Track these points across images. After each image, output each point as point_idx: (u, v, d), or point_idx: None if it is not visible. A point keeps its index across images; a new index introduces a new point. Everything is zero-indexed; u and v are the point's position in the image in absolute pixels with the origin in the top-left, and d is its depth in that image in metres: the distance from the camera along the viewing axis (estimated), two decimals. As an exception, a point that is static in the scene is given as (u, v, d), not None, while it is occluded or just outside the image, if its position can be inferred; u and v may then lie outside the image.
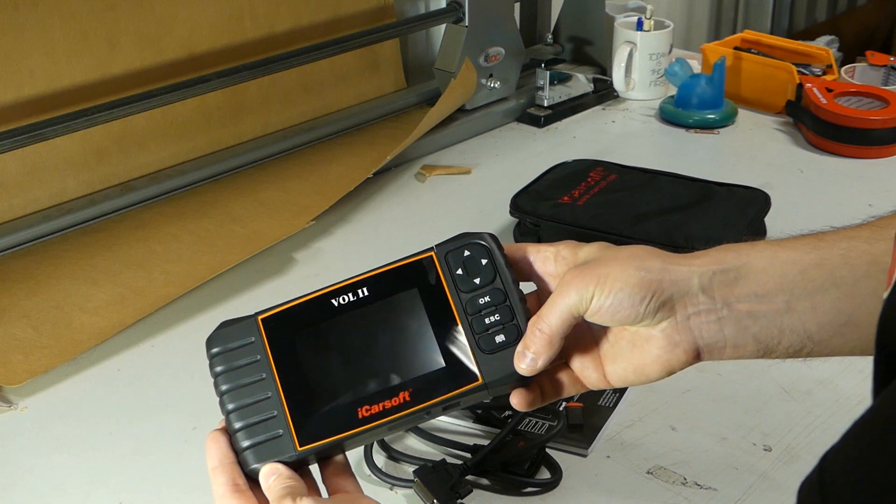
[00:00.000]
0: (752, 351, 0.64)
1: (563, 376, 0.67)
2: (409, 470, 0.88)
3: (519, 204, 1.28)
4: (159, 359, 1.07)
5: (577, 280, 0.63)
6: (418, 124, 1.44)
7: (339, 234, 1.31)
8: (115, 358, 1.07)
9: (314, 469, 0.67)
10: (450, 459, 0.88)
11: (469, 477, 0.87)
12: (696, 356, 0.64)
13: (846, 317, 0.63)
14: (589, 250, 0.66)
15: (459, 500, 0.85)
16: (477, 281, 0.67)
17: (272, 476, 0.63)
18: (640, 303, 0.62)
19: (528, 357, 0.64)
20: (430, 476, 0.85)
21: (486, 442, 0.90)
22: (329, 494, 0.65)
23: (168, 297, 1.13)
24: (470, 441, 0.91)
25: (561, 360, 0.67)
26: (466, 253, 0.67)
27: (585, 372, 0.67)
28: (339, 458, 0.67)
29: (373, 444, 0.91)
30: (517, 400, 0.66)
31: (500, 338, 0.65)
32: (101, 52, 1.29)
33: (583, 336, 0.67)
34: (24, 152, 1.22)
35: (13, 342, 1.06)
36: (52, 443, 0.95)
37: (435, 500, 0.83)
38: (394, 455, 0.91)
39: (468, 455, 0.89)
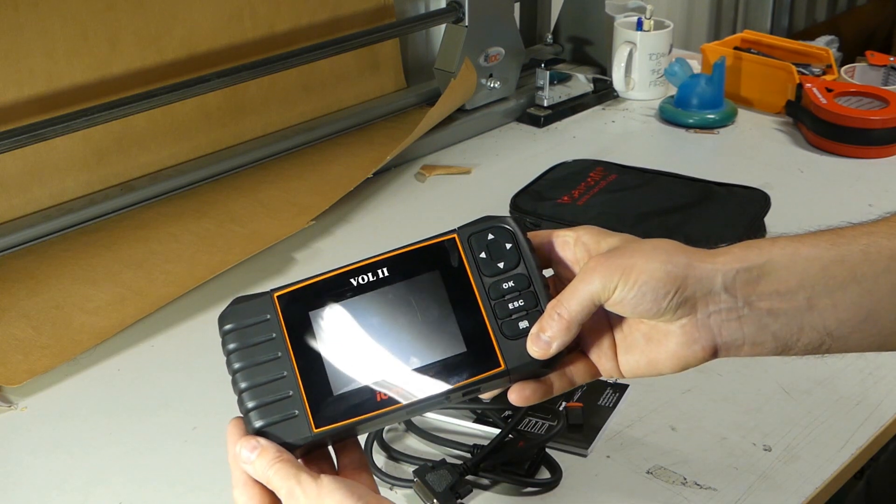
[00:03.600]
0: (771, 348, 0.63)
1: (575, 366, 0.66)
2: (409, 470, 0.88)
3: (519, 204, 1.28)
4: (159, 359, 1.07)
5: (602, 268, 0.62)
6: (418, 124, 1.44)
7: (339, 234, 1.31)
8: (115, 358, 1.07)
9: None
10: (450, 459, 0.88)
11: (469, 477, 0.87)
12: (714, 353, 0.64)
13: (866, 313, 0.62)
14: (612, 240, 0.65)
15: (459, 500, 0.85)
16: (501, 265, 0.65)
17: (254, 451, 0.60)
18: (664, 298, 0.61)
19: (543, 340, 0.63)
20: (430, 476, 0.85)
21: (486, 442, 0.90)
22: None
23: (168, 297, 1.13)
24: (470, 441, 0.91)
25: (577, 347, 0.66)
26: (490, 236, 0.66)
27: (602, 360, 0.66)
28: (356, 453, 0.65)
29: (373, 443, 0.91)
30: (516, 395, 0.65)
31: (523, 324, 0.64)
32: (101, 52, 1.29)
33: (599, 323, 0.66)
34: (24, 152, 1.22)
35: (13, 342, 1.06)
36: (52, 443, 0.95)
37: (435, 500, 0.83)
38: (394, 455, 0.91)
39: (468, 455, 0.89)
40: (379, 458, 0.91)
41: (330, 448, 0.65)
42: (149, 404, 1.00)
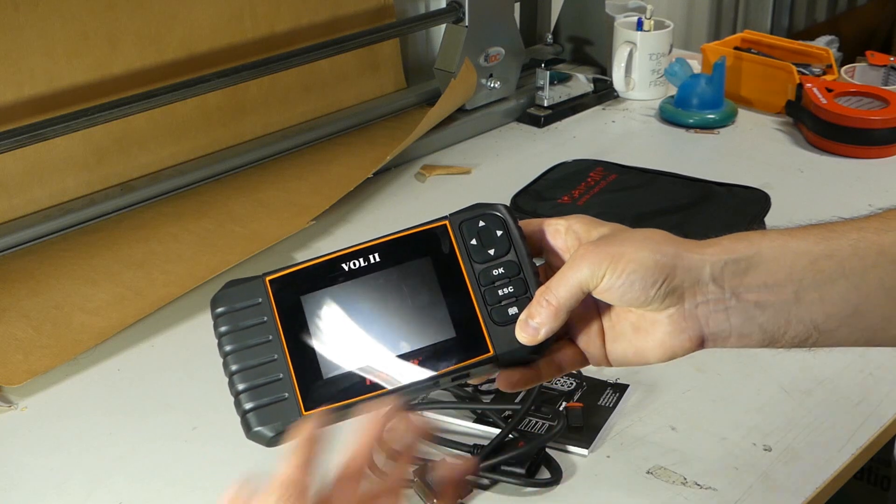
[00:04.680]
0: (758, 340, 0.64)
1: (563, 353, 0.66)
2: (409, 470, 0.88)
3: (519, 204, 1.28)
4: (159, 359, 1.07)
5: (591, 255, 0.62)
6: (418, 124, 1.44)
7: (339, 234, 1.31)
8: (115, 358, 1.07)
9: None
10: (450, 459, 0.88)
11: (469, 477, 0.87)
12: (701, 344, 0.64)
13: (853, 307, 0.63)
14: (603, 229, 0.66)
15: (459, 501, 0.85)
16: (491, 252, 0.66)
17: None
18: (652, 286, 0.61)
19: (531, 326, 0.63)
20: (431, 476, 0.85)
21: (486, 442, 0.90)
22: None
23: (168, 297, 1.13)
24: (470, 441, 0.91)
25: (565, 335, 0.66)
26: (481, 223, 0.67)
27: (590, 348, 0.66)
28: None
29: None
30: (504, 381, 0.65)
31: (512, 310, 0.64)
32: (101, 52, 1.29)
33: (588, 311, 0.66)
34: (24, 152, 1.21)
35: (13, 342, 1.06)
36: (52, 443, 0.95)
37: (435, 500, 0.83)
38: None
39: (468, 455, 0.89)
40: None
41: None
42: (149, 404, 1.00)
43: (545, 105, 1.63)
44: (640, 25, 1.67)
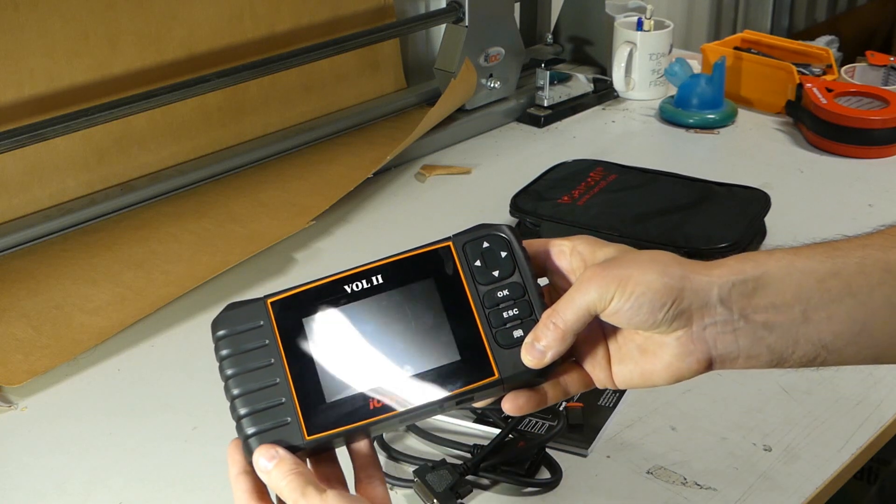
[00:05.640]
0: (766, 361, 0.63)
1: (569, 376, 0.66)
2: (409, 470, 0.88)
3: (519, 204, 1.28)
4: (159, 359, 1.07)
5: (599, 278, 0.62)
6: (418, 124, 1.44)
7: (339, 234, 1.31)
8: (115, 358, 1.07)
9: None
10: (450, 459, 0.88)
11: (469, 477, 0.87)
12: (709, 366, 0.63)
13: (860, 325, 0.63)
14: (608, 250, 0.65)
15: (459, 501, 0.85)
16: (496, 273, 0.65)
17: (272, 460, 0.61)
18: (660, 309, 0.61)
19: (538, 349, 0.63)
20: (431, 476, 0.85)
21: (486, 442, 0.90)
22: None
23: (168, 297, 1.13)
24: (470, 441, 0.91)
25: (571, 358, 0.66)
26: (485, 245, 0.66)
27: (596, 370, 0.66)
28: (373, 467, 0.65)
29: (373, 444, 0.91)
30: (510, 405, 0.64)
31: (517, 333, 0.64)
32: (101, 52, 1.29)
33: (594, 333, 0.66)
34: (24, 152, 1.22)
35: (13, 342, 1.06)
36: (52, 443, 0.95)
37: (435, 500, 0.83)
38: (394, 455, 0.91)
39: (468, 455, 0.89)
40: (379, 459, 0.90)
41: (344, 452, 0.65)
42: (149, 404, 1.00)
43: (545, 105, 1.63)
44: (640, 25, 1.68)
